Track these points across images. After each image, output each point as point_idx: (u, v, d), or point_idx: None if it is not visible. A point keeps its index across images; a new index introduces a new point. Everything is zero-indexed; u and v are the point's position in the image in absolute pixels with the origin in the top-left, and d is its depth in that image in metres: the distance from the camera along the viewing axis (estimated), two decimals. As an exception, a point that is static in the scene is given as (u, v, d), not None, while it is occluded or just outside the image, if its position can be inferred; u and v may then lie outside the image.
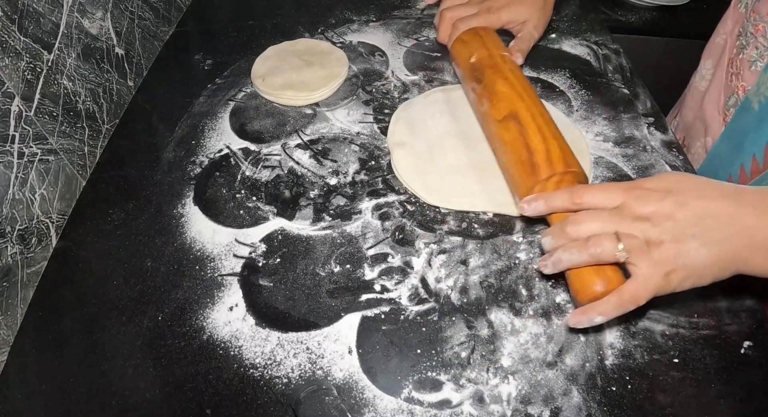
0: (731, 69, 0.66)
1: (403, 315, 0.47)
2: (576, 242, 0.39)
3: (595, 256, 0.38)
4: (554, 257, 0.40)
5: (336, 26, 0.79)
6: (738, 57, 0.65)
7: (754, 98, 0.58)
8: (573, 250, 0.39)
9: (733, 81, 0.66)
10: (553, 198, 0.43)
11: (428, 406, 0.42)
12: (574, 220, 0.40)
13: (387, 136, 0.62)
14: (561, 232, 0.41)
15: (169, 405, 0.43)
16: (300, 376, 0.44)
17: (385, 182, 0.58)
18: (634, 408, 0.41)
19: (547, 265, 0.41)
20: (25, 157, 0.50)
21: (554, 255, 0.40)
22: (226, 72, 0.72)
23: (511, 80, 0.54)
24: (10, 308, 0.48)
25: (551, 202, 0.43)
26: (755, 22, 0.62)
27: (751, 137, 0.58)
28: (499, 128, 0.52)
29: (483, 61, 0.58)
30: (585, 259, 0.39)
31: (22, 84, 0.49)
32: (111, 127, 0.65)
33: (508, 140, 0.50)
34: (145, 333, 0.47)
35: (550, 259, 0.41)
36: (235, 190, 0.58)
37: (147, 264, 0.52)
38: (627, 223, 0.38)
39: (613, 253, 0.37)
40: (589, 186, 0.42)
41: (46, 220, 0.53)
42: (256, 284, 0.50)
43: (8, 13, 0.47)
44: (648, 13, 0.93)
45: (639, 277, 0.37)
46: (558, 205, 0.43)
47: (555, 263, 0.40)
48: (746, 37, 0.64)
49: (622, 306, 0.38)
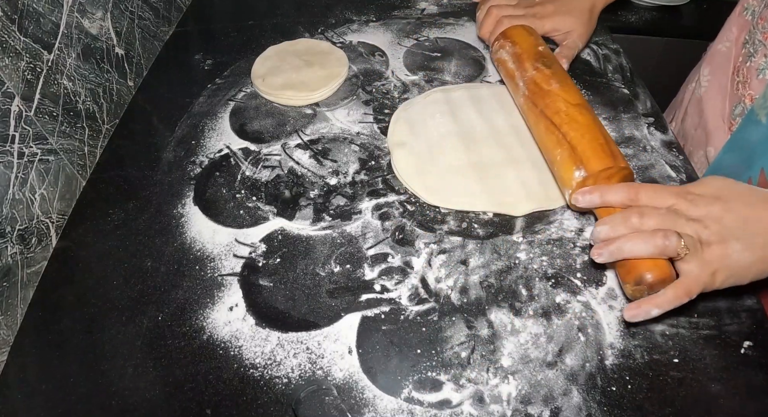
0: (737, 77, 0.66)
1: (403, 315, 0.47)
2: (641, 234, 0.41)
3: (660, 248, 0.40)
4: (614, 246, 0.42)
5: (336, 26, 0.79)
6: (745, 65, 0.64)
7: (761, 111, 0.57)
8: (638, 241, 0.41)
9: (739, 89, 0.65)
10: (610, 192, 0.45)
11: (428, 406, 0.42)
12: (638, 211, 0.42)
13: (387, 136, 0.62)
14: (624, 223, 0.42)
15: (169, 405, 0.43)
16: (300, 376, 0.44)
17: (385, 182, 0.58)
18: (634, 408, 0.41)
19: (603, 253, 0.42)
20: (25, 157, 0.50)
21: (614, 244, 0.42)
22: (226, 72, 0.72)
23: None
24: (10, 308, 0.48)
25: (608, 195, 0.45)
26: (764, 30, 0.61)
27: (760, 150, 0.58)
28: (574, 110, 0.52)
29: (549, 53, 0.61)
30: (651, 250, 0.40)
31: (22, 84, 0.49)
32: (111, 127, 0.65)
33: (584, 122, 0.51)
34: (145, 333, 0.47)
35: (607, 247, 0.42)
36: (235, 190, 0.58)
37: (147, 264, 0.52)
38: (682, 223, 0.41)
39: (677, 248, 0.40)
40: (644, 185, 0.45)
41: (46, 220, 0.53)
42: (256, 284, 0.50)
43: (8, 13, 0.47)
44: (648, 13, 0.93)
45: (691, 273, 0.40)
46: (615, 199, 0.45)
47: (614, 252, 0.42)
48: (754, 44, 0.63)
49: (678, 299, 0.40)
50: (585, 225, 0.53)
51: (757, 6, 0.64)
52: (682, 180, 0.57)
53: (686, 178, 0.57)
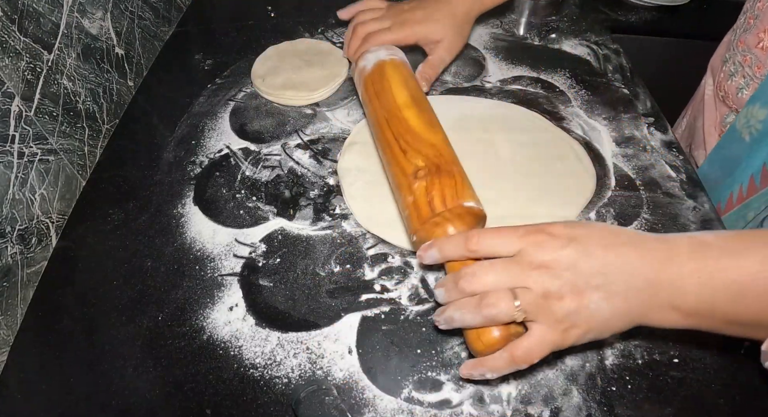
0: (720, 92, 0.67)
1: (403, 315, 0.47)
2: (470, 300, 0.36)
3: (489, 318, 0.35)
4: (446, 315, 0.37)
5: (336, 26, 0.79)
6: (726, 82, 0.65)
7: (744, 130, 0.59)
8: (465, 310, 0.36)
9: (725, 102, 0.67)
10: (446, 244, 0.39)
11: (428, 406, 0.42)
12: (466, 273, 0.36)
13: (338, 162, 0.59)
14: (454, 286, 0.37)
15: (169, 405, 0.43)
16: (300, 376, 0.44)
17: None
18: (634, 408, 0.41)
19: (440, 321, 0.38)
20: (25, 157, 0.50)
21: (446, 312, 0.37)
22: (226, 72, 0.72)
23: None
24: (10, 308, 0.48)
25: (445, 249, 0.39)
26: (743, 53, 0.62)
27: (742, 167, 0.59)
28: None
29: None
30: (479, 320, 0.35)
31: (22, 84, 0.49)
32: (111, 127, 0.65)
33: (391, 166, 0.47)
34: (145, 333, 0.47)
35: (442, 315, 0.38)
36: (235, 190, 0.58)
37: (147, 264, 0.52)
38: (525, 274, 0.35)
39: (510, 313, 0.34)
40: (485, 230, 0.38)
41: (46, 220, 0.53)
42: (256, 284, 0.50)
43: (8, 13, 0.47)
44: (648, 13, 0.93)
45: (535, 334, 0.35)
46: (452, 252, 0.39)
47: (447, 321, 0.37)
48: (734, 65, 0.64)
49: (514, 363, 0.35)
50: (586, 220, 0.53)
51: (739, 28, 0.65)
52: (682, 180, 0.57)
53: (686, 177, 0.57)
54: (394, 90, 0.52)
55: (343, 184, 0.56)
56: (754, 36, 0.60)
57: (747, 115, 0.58)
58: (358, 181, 0.56)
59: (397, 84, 0.53)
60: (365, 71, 0.56)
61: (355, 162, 0.58)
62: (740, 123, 0.60)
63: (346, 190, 0.56)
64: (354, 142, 0.61)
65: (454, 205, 0.42)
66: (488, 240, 0.37)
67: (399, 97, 0.51)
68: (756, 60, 0.60)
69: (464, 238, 0.38)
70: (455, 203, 0.42)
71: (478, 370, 0.37)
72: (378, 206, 0.54)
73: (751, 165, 0.58)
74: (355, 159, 0.59)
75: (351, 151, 0.60)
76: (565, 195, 0.55)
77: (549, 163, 0.58)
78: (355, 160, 0.58)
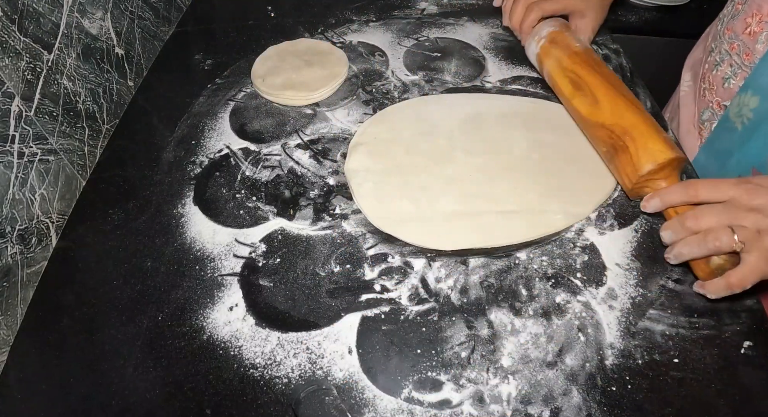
0: (703, 84, 0.67)
1: (403, 315, 0.47)
2: (696, 236, 0.43)
3: (714, 249, 0.42)
4: (676, 250, 0.45)
5: (336, 26, 0.79)
6: (711, 73, 0.65)
7: (737, 119, 0.58)
8: (693, 245, 0.43)
9: (706, 95, 0.66)
10: (668, 194, 0.47)
11: (428, 406, 0.42)
12: (692, 215, 0.44)
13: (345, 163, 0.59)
14: (681, 227, 0.44)
15: (169, 405, 0.43)
16: (300, 376, 0.44)
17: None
18: (634, 408, 0.41)
19: (671, 257, 0.46)
20: (25, 157, 0.50)
21: (675, 248, 0.45)
22: (226, 72, 0.73)
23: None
24: (10, 308, 0.48)
25: (667, 197, 0.47)
26: (730, 40, 0.62)
27: (736, 158, 0.59)
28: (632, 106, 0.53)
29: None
30: (705, 251, 0.43)
31: (22, 84, 0.49)
32: (111, 127, 0.65)
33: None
34: (145, 333, 0.47)
35: (672, 251, 0.45)
36: (235, 190, 0.58)
37: (147, 264, 0.52)
38: (741, 214, 0.42)
39: (731, 245, 0.41)
40: (701, 180, 0.46)
41: (46, 220, 0.53)
42: (256, 284, 0.50)
43: (8, 13, 0.48)
44: (648, 13, 0.93)
45: (749, 263, 0.41)
46: (674, 200, 0.46)
47: (677, 256, 0.45)
48: (720, 54, 0.64)
49: (729, 289, 0.42)
50: (585, 225, 0.53)
51: (726, 16, 0.64)
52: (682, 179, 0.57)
53: (686, 177, 0.57)
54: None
55: (352, 184, 0.56)
56: (742, 21, 0.60)
57: (739, 103, 0.58)
58: (368, 182, 0.56)
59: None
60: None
61: (363, 163, 0.58)
62: (733, 112, 0.59)
63: (356, 190, 0.56)
64: (360, 143, 0.61)
65: (637, 180, 0.49)
66: (706, 187, 0.45)
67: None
68: (744, 46, 0.59)
69: (685, 186, 0.46)
70: (636, 178, 0.49)
71: (701, 291, 0.45)
72: (390, 206, 0.54)
73: (746, 154, 0.58)
74: (362, 160, 0.59)
75: (357, 151, 0.60)
76: (581, 194, 0.55)
77: (569, 163, 0.58)
78: (363, 161, 0.58)
